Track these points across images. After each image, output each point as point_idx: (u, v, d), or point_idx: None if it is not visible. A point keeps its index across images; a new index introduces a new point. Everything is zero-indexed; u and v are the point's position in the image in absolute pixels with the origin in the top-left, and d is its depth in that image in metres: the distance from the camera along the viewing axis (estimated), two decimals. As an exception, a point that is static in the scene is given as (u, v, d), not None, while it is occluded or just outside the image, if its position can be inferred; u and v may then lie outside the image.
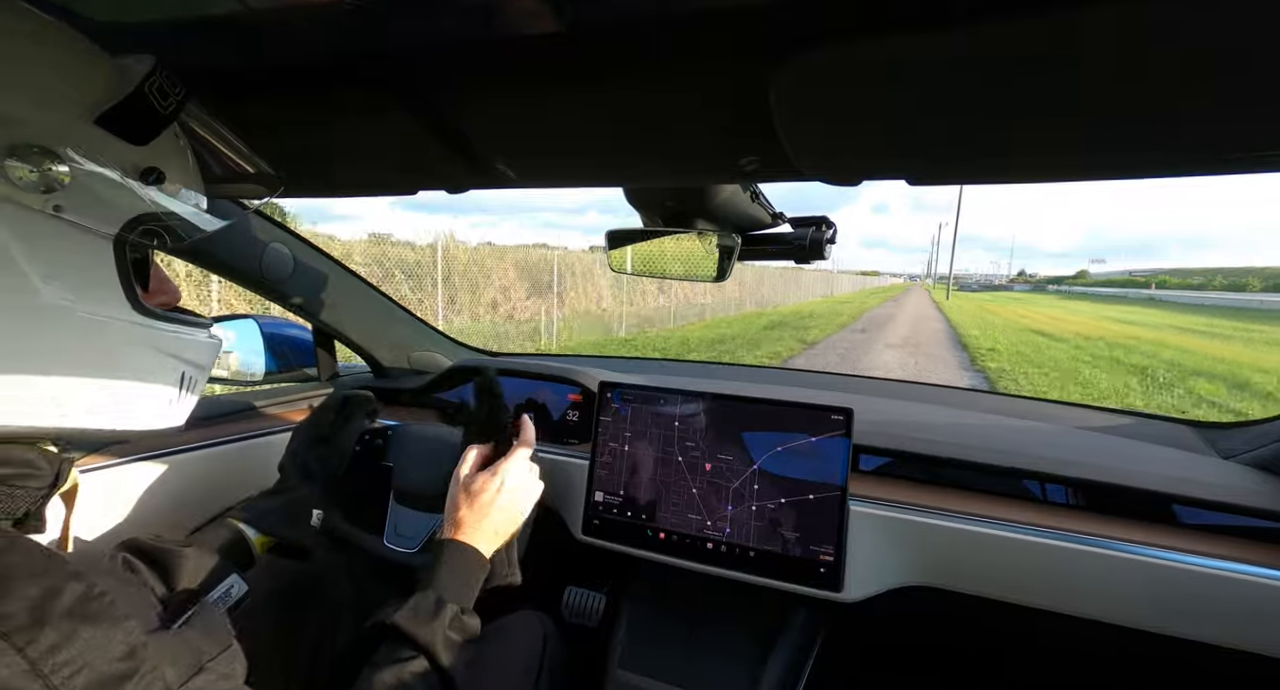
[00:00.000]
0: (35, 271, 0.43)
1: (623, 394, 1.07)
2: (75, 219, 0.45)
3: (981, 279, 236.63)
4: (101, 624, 0.39)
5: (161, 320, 0.53)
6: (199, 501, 1.07)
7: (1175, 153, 0.45)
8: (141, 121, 0.47)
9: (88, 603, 0.39)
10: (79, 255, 0.46)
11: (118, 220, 0.48)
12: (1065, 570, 0.84)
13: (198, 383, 0.59)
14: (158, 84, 0.46)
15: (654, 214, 0.89)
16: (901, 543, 0.92)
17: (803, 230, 0.88)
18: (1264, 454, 0.93)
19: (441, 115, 0.57)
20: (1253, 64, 0.34)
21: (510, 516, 0.81)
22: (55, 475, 0.48)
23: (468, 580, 0.74)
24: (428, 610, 0.66)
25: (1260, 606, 0.77)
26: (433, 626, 0.65)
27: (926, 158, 0.52)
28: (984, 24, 0.35)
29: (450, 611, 0.67)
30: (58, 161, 0.43)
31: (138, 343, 0.51)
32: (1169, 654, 0.84)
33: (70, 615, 0.38)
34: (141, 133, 0.47)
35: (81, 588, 0.39)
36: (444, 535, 0.77)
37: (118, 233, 0.48)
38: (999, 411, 1.21)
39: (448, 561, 0.73)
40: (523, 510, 0.83)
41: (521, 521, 0.84)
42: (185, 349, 0.56)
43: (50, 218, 0.44)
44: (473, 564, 0.75)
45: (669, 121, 0.54)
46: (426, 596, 0.68)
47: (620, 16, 0.41)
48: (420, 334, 1.52)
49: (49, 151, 0.42)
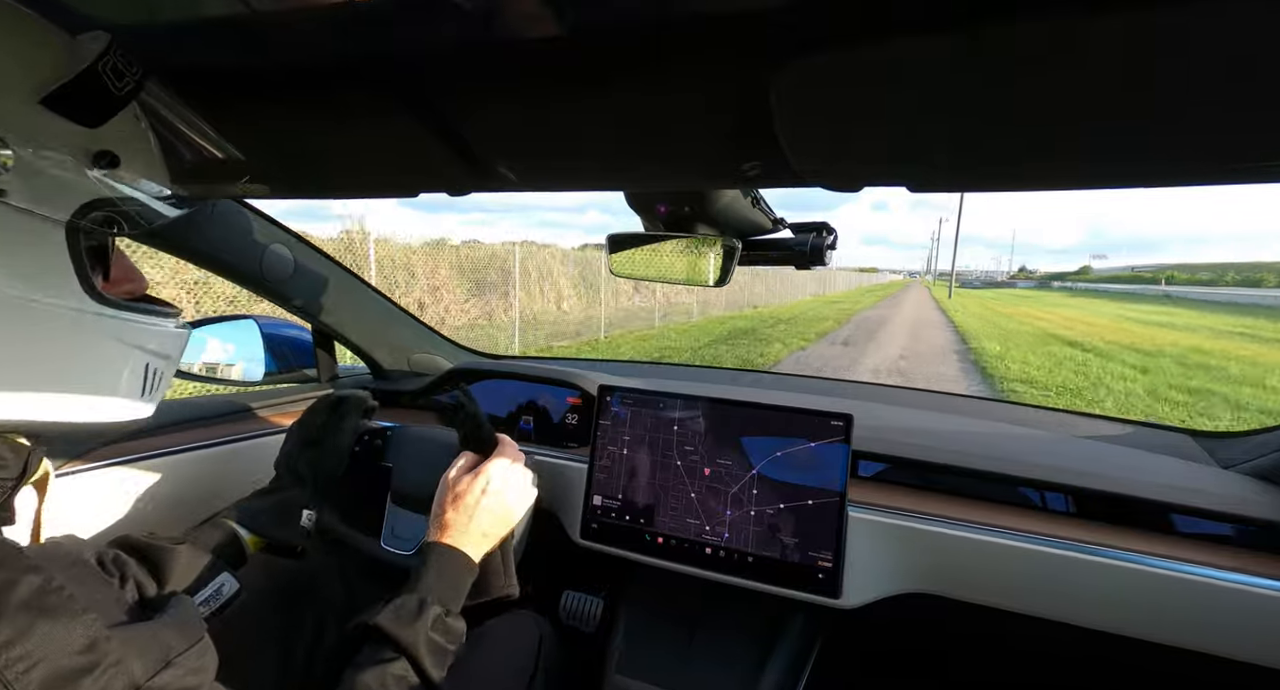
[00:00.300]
0: None
1: (622, 398, 1.07)
2: (21, 204, 0.43)
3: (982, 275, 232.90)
4: (59, 618, 0.38)
5: (123, 309, 0.51)
6: (198, 502, 1.07)
7: (1181, 162, 0.44)
8: (93, 102, 0.44)
9: (45, 596, 0.38)
10: (27, 242, 0.44)
11: (69, 206, 0.46)
12: (1064, 578, 0.84)
13: (164, 374, 0.57)
14: (112, 63, 0.44)
15: (655, 218, 0.89)
16: (900, 549, 0.92)
17: (803, 236, 0.88)
18: (1264, 463, 0.93)
19: (443, 118, 0.57)
20: (1260, 72, 0.34)
21: (498, 518, 0.80)
22: (23, 466, 0.47)
23: (454, 583, 0.73)
24: (410, 612, 0.65)
25: (1259, 617, 0.76)
26: (415, 628, 0.64)
27: (928, 165, 0.51)
28: (987, 29, 0.34)
29: (433, 613, 0.66)
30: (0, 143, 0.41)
31: (97, 332, 0.49)
32: (1166, 663, 0.84)
33: (26, 608, 0.37)
34: (93, 114, 0.45)
35: (39, 580, 0.38)
36: (430, 538, 0.77)
37: (69, 219, 0.46)
38: (999, 418, 1.21)
39: (434, 564, 0.73)
40: (512, 512, 0.83)
41: (512, 525, 0.83)
42: (149, 339, 0.54)
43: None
44: (459, 566, 0.74)
45: (670, 126, 0.54)
46: (410, 598, 0.67)
47: (622, 20, 0.42)
48: (421, 336, 1.52)
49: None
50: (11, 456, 0.46)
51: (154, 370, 0.55)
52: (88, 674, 0.37)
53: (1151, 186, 0.47)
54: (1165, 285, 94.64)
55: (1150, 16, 0.31)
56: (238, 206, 1.06)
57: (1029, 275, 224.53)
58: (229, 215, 1.05)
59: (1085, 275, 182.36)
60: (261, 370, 1.28)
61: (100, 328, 0.49)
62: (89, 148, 0.46)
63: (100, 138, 0.46)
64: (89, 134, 0.46)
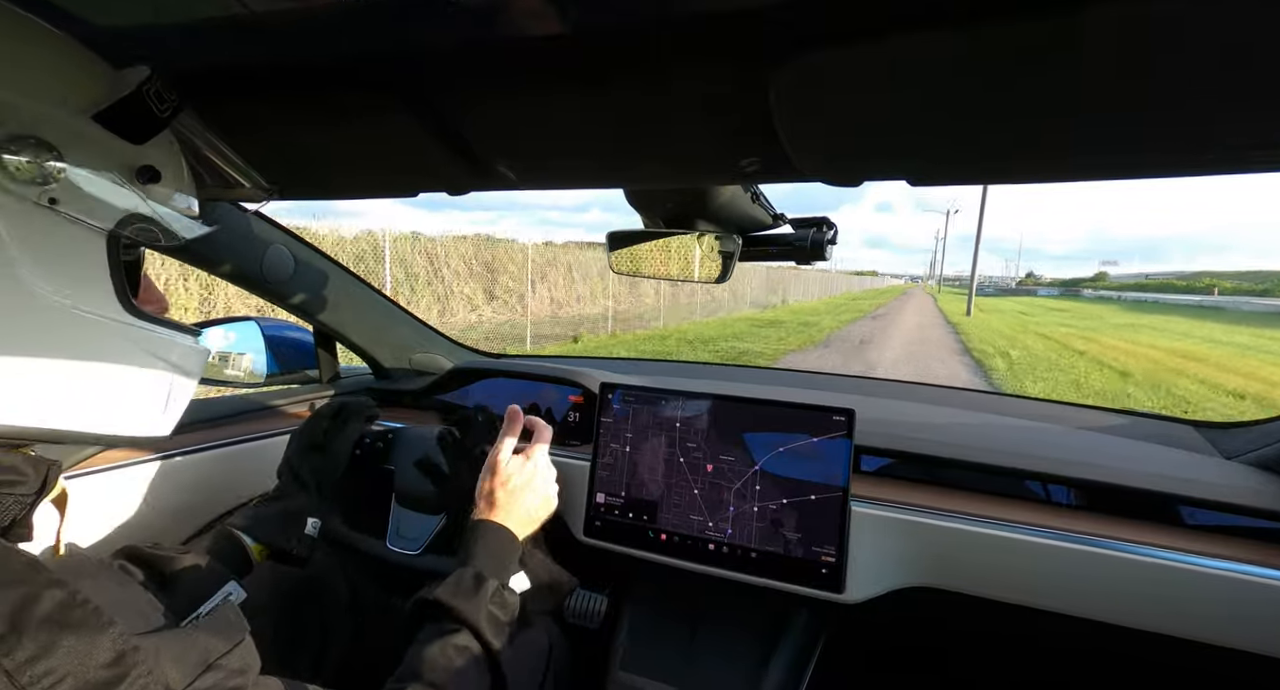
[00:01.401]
0: (26, 263, 0.43)
1: (624, 395, 1.07)
2: (70, 212, 0.45)
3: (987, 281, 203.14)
4: (84, 631, 0.38)
5: (152, 323, 0.52)
6: (201, 503, 1.08)
7: (1177, 152, 0.44)
8: (139, 122, 0.47)
9: (69, 610, 0.38)
10: (72, 249, 0.46)
11: (112, 217, 0.48)
12: (1068, 571, 0.84)
13: (185, 390, 0.58)
14: (154, 89, 0.47)
15: (655, 215, 0.89)
16: (904, 544, 0.92)
17: (803, 231, 0.88)
18: (1267, 454, 0.93)
19: (443, 117, 0.57)
20: (1255, 61, 0.34)
21: (543, 499, 0.85)
22: (42, 482, 0.47)
23: (503, 558, 0.74)
24: (469, 586, 0.67)
25: (1263, 607, 0.77)
26: (475, 601, 0.65)
27: (927, 158, 0.51)
28: (984, 24, 0.35)
29: (491, 586, 0.68)
30: (54, 154, 0.43)
31: (127, 343, 0.50)
32: (1172, 656, 0.84)
33: (49, 623, 0.37)
34: (139, 132, 0.48)
35: (62, 594, 0.38)
36: (476, 516, 0.79)
37: (112, 229, 0.48)
38: (1001, 412, 1.21)
39: (483, 539, 0.74)
40: (554, 494, 0.88)
41: (554, 507, 0.88)
42: (174, 354, 0.55)
43: (44, 210, 0.44)
44: (506, 543, 0.76)
45: (670, 123, 0.54)
46: (465, 572, 0.68)
47: (621, 19, 0.41)
48: (421, 335, 1.52)
49: (45, 143, 0.42)
50: (31, 472, 0.47)
51: (174, 387, 0.56)
52: (115, 686, 0.37)
53: (1150, 177, 0.47)
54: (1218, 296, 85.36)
55: (1145, 8, 0.31)
56: (237, 208, 1.06)
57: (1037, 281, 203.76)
58: (228, 216, 1.05)
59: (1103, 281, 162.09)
60: (263, 371, 1.28)
61: (132, 338, 0.50)
62: (133, 163, 0.48)
63: (143, 154, 0.49)
64: (133, 150, 0.48)
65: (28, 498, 0.46)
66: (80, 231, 0.46)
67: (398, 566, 1.01)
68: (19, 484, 0.46)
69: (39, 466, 0.47)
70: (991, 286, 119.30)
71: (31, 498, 0.47)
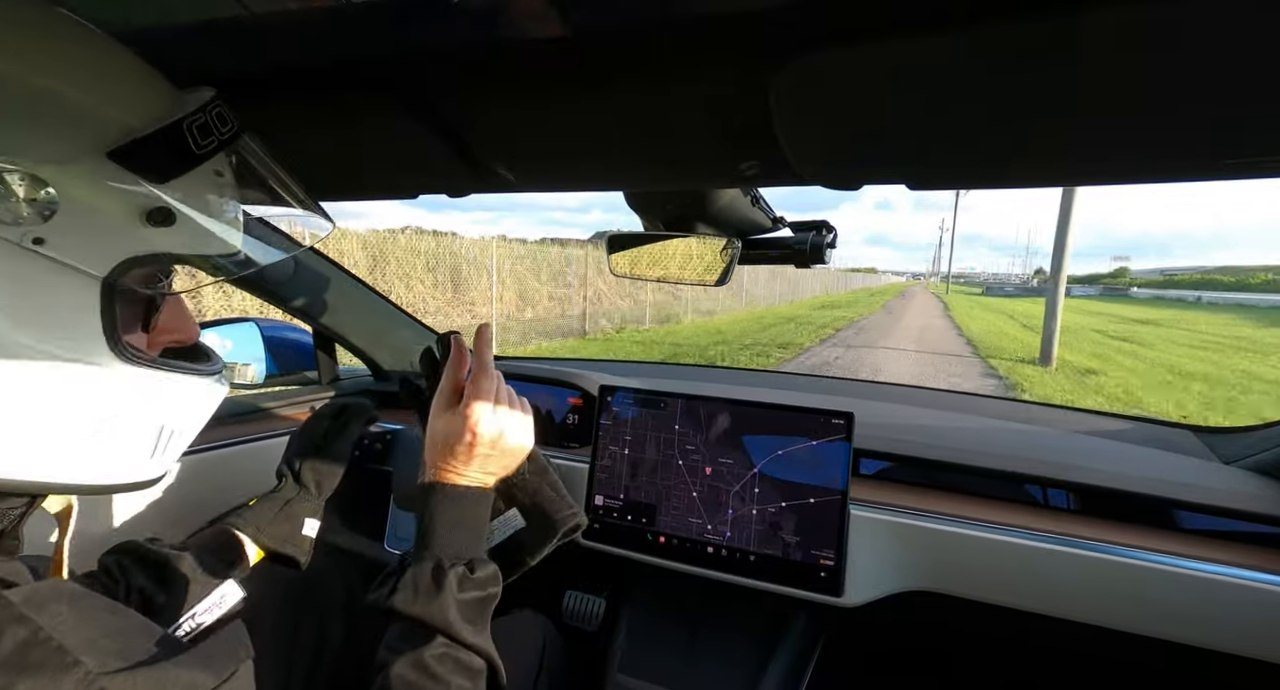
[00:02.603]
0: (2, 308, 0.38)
1: (623, 397, 1.07)
2: (57, 256, 0.39)
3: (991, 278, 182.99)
4: (43, 673, 0.35)
5: (152, 366, 0.47)
6: (200, 504, 1.07)
7: (1176, 158, 0.45)
8: (168, 159, 0.42)
9: (29, 649, 0.35)
10: (57, 295, 0.40)
11: (108, 262, 0.42)
12: (1066, 575, 0.84)
13: (183, 432, 0.52)
14: (201, 120, 0.42)
15: (655, 218, 0.89)
16: (902, 547, 0.92)
17: (803, 235, 0.88)
18: (1265, 459, 0.93)
19: (443, 119, 0.57)
20: (1252, 67, 0.34)
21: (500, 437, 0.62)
22: (33, 495, 0.45)
23: (468, 525, 0.60)
24: (427, 585, 0.54)
25: (1261, 612, 0.77)
26: (439, 601, 0.54)
27: (926, 163, 0.52)
28: (984, 27, 0.35)
29: (454, 575, 0.55)
30: (46, 193, 0.38)
31: (115, 392, 0.45)
32: (1169, 659, 0.84)
33: (5, 667, 0.34)
34: (164, 172, 0.42)
35: (25, 633, 0.36)
36: (428, 479, 0.61)
37: (106, 276, 0.42)
38: (1001, 416, 1.21)
39: (437, 511, 0.59)
40: (511, 429, 0.63)
41: (524, 444, 0.65)
42: (171, 397, 0.49)
43: (27, 252, 0.38)
44: (470, 502, 0.60)
45: (670, 126, 0.54)
46: (422, 568, 0.56)
47: (622, 21, 0.42)
48: (421, 337, 1.52)
49: (36, 178, 0.38)
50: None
51: (167, 430, 0.50)
52: None
53: (1149, 182, 0.47)
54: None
55: (1144, 12, 0.31)
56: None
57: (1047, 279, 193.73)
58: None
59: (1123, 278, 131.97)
60: (262, 372, 1.28)
61: (118, 387, 0.45)
62: (145, 205, 0.42)
63: (159, 195, 0.43)
64: (148, 191, 0.42)
65: (15, 510, 0.44)
66: (69, 276, 0.40)
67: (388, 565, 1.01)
68: (5, 498, 0.43)
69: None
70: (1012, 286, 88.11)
71: (21, 509, 0.44)
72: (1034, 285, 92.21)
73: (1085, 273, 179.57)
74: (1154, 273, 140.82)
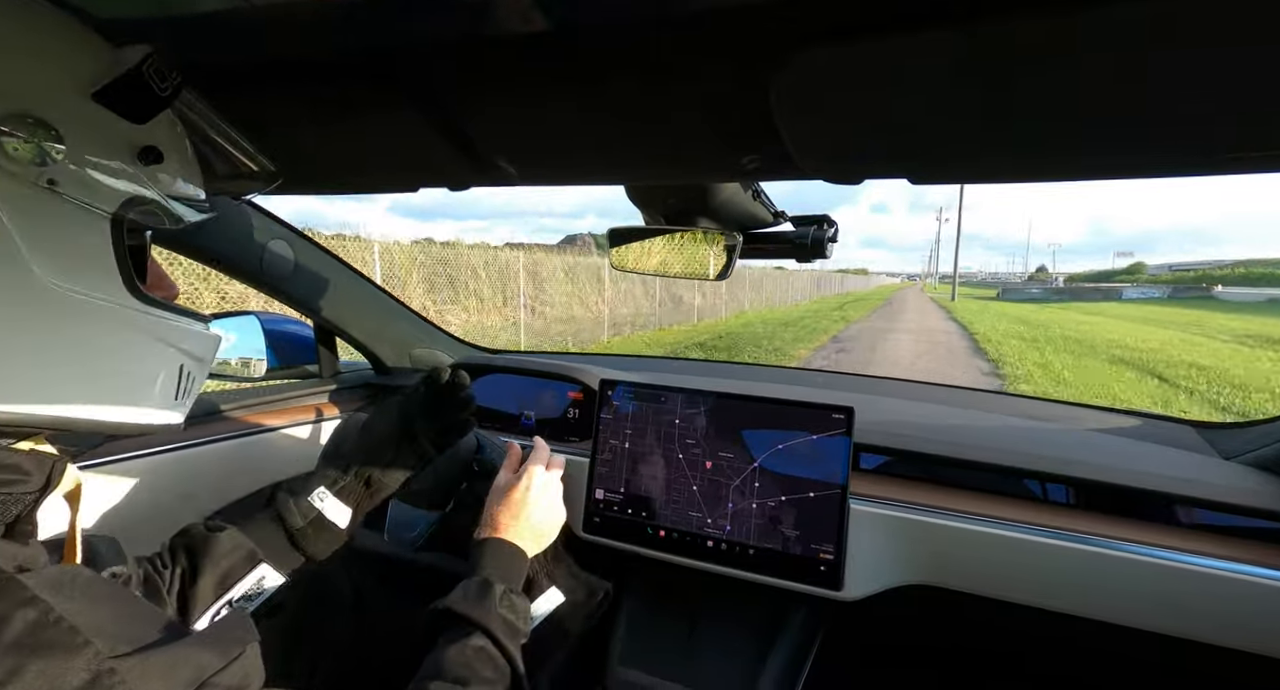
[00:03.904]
0: (27, 248, 0.41)
1: (624, 392, 1.08)
2: (71, 195, 0.43)
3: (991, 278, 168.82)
4: (54, 654, 0.36)
5: (161, 308, 0.51)
6: (201, 497, 1.08)
7: (1175, 153, 0.45)
8: (140, 100, 0.46)
9: (40, 631, 0.36)
10: (75, 234, 0.44)
11: (115, 199, 0.46)
12: (1066, 570, 0.84)
13: (197, 379, 0.56)
14: (155, 66, 0.46)
15: (656, 212, 0.89)
16: (902, 542, 0.92)
17: (804, 229, 0.88)
18: (1265, 454, 0.93)
19: (445, 113, 0.57)
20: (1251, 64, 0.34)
21: (546, 512, 0.84)
22: (46, 478, 0.46)
23: (510, 567, 0.76)
24: (475, 592, 0.69)
25: (1261, 607, 0.77)
26: (485, 605, 0.67)
27: (928, 157, 0.51)
28: (984, 24, 0.35)
29: (498, 589, 0.70)
30: (52, 133, 0.41)
31: (136, 330, 0.49)
32: (1169, 654, 0.84)
33: (17, 647, 0.35)
34: (140, 111, 0.46)
35: (34, 614, 0.37)
36: (481, 536, 0.79)
37: (115, 211, 0.46)
38: (1001, 411, 1.21)
39: (489, 553, 0.76)
40: (559, 507, 0.86)
41: (562, 519, 0.86)
42: (186, 340, 0.53)
43: (44, 192, 0.42)
44: (513, 556, 0.78)
45: (671, 120, 0.54)
46: (471, 581, 0.70)
47: (623, 15, 0.41)
48: (422, 331, 1.53)
49: (43, 123, 0.41)
50: (34, 469, 0.45)
51: (188, 373, 0.54)
52: None
53: (1150, 177, 0.47)
54: None
55: (1143, 9, 0.31)
56: (237, 202, 1.06)
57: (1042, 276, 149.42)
58: (229, 211, 1.05)
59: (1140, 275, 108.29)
60: (264, 366, 1.29)
61: (139, 325, 0.49)
62: (135, 143, 0.47)
63: (146, 134, 0.47)
64: (135, 130, 0.47)
65: (30, 495, 0.45)
66: (82, 215, 0.45)
67: (396, 563, 1.01)
68: (20, 483, 0.44)
69: (43, 464, 0.46)
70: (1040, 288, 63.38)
71: (35, 495, 0.46)
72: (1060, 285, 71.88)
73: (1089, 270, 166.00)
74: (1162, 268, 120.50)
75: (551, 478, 0.87)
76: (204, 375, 0.58)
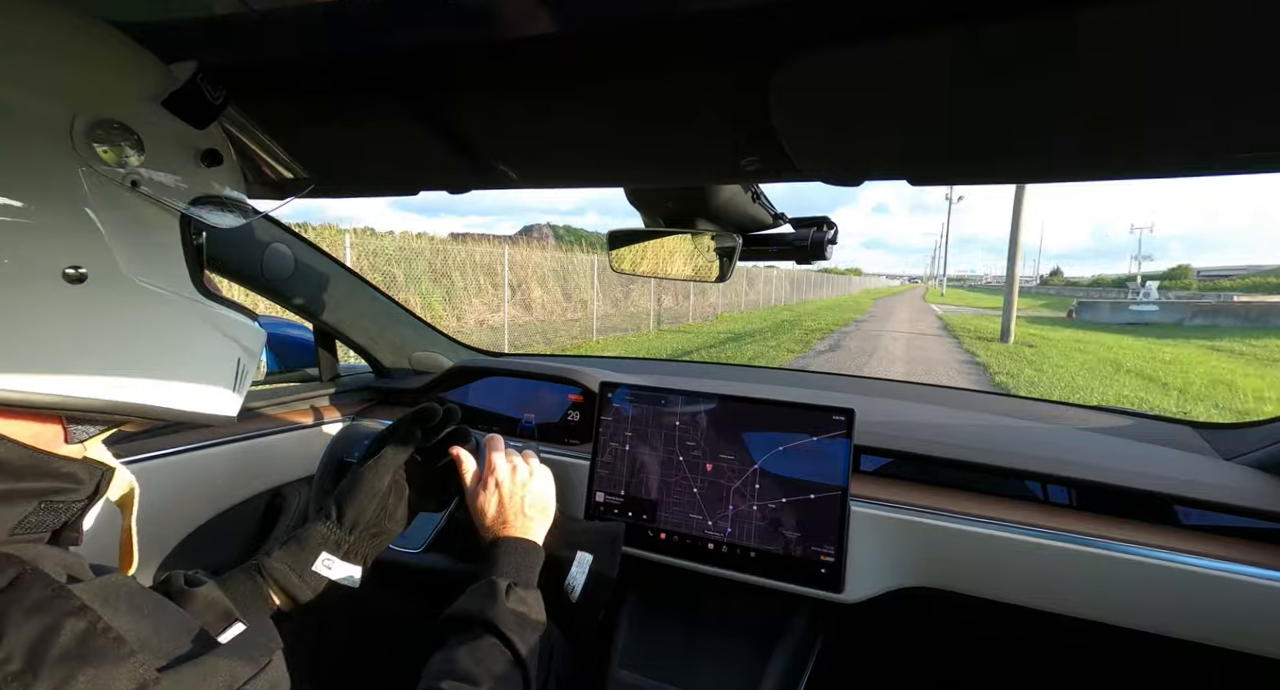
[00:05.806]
0: (115, 244, 0.44)
1: (623, 394, 1.07)
2: (151, 193, 0.47)
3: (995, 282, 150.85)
4: (103, 663, 0.37)
5: (221, 304, 0.54)
6: (199, 501, 1.08)
7: (1175, 153, 0.45)
8: (199, 107, 0.50)
9: (89, 640, 0.38)
10: (151, 230, 0.48)
11: (184, 197, 0.50)
12: (1066, 571, 0.84)
13: (249, 371, 0.59)
14: (206, 78, 0.50)
15: (655, 214, 0.89)
16: (903, 544, 0.92)
17: (804, 231, 0.88)
18: (1266, 455, 0.93)
19: (445, 116, 0.57)
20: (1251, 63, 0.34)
21: (536, 489, 0.86)
22: (95, 487, 0.48)
23: (521, 563, 0.78)
24: (482, 593, 0.71)
25: (1261, 608, 0.77)
26: (493, 604, 0.69)
27: (927, 158, 0.52)
28: (983, 25, 0.35)
29: (503, 585, 0.71)
30: (133, 138, 0.45)
31: (204, 322, 0.52)
32: (1170, 655, 0.84)
33: (67, 657, 0.36)
34: (200, 117, 0.50)
35: (83, 625, 0.38)
36: (489, 538, 0.81)
37: (184, 209, 0.50)
38: (1001, 412, 1.21)
39: (500, 555, 0.78)
40: (543, 491, 0.88)
41: (552, 502, 0.89)
42: (242, 334, 0.56)
43: (127, 191, 0.46)
44: (524, 550, 0.80)
45: (670, 122, 0.54)
46: (479, 585, 0.72)
47: (622, 18, 0.42)
48: (421, 334, 1.52)
49: (127, 129, 0.45)
50: (86, 478, 0.47)
51: (243, 366, 0.57)
52: None
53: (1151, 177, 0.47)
54: None
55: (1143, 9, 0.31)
56: None
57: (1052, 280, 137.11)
58: None
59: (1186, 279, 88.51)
60: (264, 370, 1.28)
61: (206, 317, 0.52)
62: (198, 147, 0.51)
63: (205, 139, 0.51)
64: (197, 135, 0.51)
65: (78, 503, 0.47)
66: (158, 213, 0.48)
67: (401, 566, 1.01)
68: (72, 492, 0.46)
69: (94, 473, 0.48)
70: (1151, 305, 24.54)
71: (83, 503, 0.47)
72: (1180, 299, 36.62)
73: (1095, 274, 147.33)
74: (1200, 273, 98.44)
75: (516, 459, 0.88)
76: (254, 368, 0.60)
